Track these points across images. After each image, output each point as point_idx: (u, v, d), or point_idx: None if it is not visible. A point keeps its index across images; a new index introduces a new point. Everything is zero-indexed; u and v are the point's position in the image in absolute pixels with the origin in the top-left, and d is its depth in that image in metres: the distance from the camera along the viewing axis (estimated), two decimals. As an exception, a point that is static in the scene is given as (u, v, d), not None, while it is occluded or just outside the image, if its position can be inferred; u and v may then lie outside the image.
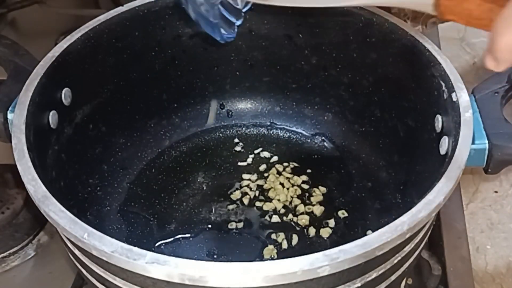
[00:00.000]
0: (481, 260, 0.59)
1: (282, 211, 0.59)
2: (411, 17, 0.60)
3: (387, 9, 0.57)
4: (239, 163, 0.63)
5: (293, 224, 0.57)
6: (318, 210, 0.58)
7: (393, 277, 0.44)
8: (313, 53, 0.62)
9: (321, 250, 0.36)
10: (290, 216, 0.58)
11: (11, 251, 0.59)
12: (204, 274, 0.36)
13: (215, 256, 0.55)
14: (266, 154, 0.64)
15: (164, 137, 0.65)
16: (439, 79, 0.50)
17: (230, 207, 0.59)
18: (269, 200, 0.59)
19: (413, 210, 0.39)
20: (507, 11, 0.36)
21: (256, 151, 0.65)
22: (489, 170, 0.47)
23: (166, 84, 0.64)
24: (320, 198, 0.60)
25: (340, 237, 0.56)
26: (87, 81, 0.56)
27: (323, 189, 0.60)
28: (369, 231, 0.55)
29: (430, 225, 0.46)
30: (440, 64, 0.50)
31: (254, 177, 0.62)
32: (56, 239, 0.60)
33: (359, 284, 0.41)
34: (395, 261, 0.42)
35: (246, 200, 0.59)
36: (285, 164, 0.63)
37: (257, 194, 0.60)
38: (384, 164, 0.60)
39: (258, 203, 0.59)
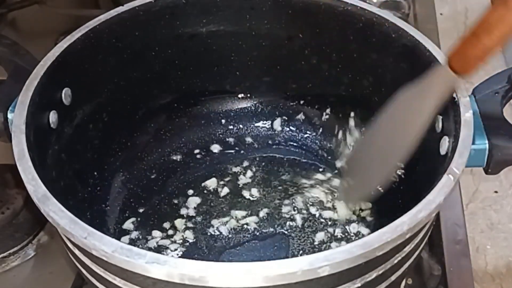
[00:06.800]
0: (481, 260, 0.59)
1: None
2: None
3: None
4: (238, 163, 0.63)
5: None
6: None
7: (393, 277, 0.44)
8: (313, 53, 0.62)
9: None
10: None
11: (11, 251, 0.59)
12: (204, 274, 0.36)
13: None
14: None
15: (164, 137, 0.65)
16: (439, 79, 0.49)
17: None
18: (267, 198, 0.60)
19: (413, 210, 0.39)
20: None
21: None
22: (489, 170, 0.47)
23: (166, 84, 0.64)
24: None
25: (340, 237, 0.56)
26: (87, 81, 0.56)
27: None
28: (369, 231, 0.55)
29: (430, 225, 0.46)
30: (440, 64, 0.50)
31: (251, 174, 0.62)
32: (56, 239, 0.60)
33: (359, 284, 0.41)
34: (395, 261, 0.42)
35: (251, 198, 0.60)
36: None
37: (257, 192, 0.60)
38: (384, 164, 0.60)
39: (258, 200, 0.59)
